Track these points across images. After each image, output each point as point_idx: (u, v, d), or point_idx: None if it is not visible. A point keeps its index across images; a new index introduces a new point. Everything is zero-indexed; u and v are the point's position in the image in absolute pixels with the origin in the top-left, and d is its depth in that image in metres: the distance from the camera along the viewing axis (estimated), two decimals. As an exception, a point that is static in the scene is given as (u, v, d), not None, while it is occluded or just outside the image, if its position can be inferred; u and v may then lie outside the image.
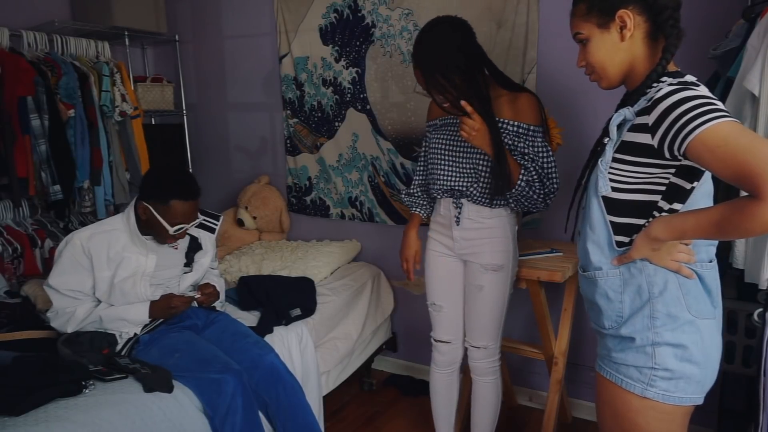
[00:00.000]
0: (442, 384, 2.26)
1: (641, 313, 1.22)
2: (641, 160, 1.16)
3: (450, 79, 1.79)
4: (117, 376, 1.82)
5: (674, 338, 1.19)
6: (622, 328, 1.24)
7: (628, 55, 1.23)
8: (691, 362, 1.19)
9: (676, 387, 1.20)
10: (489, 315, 2.07)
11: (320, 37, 3.02)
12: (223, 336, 2.12)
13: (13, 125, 2.59)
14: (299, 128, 3.22)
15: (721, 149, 1.01)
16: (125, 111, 3.00)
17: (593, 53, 1.25)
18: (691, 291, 1.20)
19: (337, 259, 2.99)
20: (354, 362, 2.78)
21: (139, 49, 3.61)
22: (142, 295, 2.06)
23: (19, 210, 2.89)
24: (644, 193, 1.19)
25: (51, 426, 1.54)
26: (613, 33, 1.22)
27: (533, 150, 1.89)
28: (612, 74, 1.26)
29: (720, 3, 2.11)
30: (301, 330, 2.37)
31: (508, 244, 2.01)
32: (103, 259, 2.01)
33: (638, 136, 1.15)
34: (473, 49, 1.85)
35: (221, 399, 1.80)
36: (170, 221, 2.00)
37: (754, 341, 1.72)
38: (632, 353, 1.23)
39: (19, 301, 2.50)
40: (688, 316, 1.19)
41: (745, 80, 1.56)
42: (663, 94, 1.10)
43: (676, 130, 1.06)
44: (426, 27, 1.85)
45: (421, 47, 1.83)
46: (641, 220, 1.21)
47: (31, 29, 2.83)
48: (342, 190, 3.15)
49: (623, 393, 1.24)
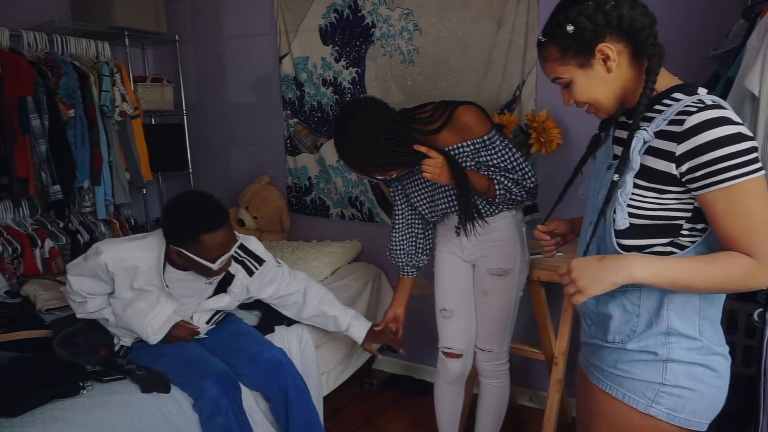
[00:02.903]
0: (448, 397, 2.21)
1: (657, 328, 1.15)
2: (662, 187, 1.08)
3: (387, 162, 1.76)
4: (115, 377, 1.82)
5: (689, 357, 1.13)
6: (631, 343, 1.18)
7: (619, 82, 1.15)
8: (704, 383, 1.14)
9: (684, 408, 1.13)
10: (494, 320, 2.04)
11: (320, 37, 3.01)
12: (223, 337, 2.12)
13: (13, 125, 2.59)
14: (299, 128, 3.22)
15: (738, 207, 1.01)
16: (125, 111, 3.01)
17: (581, 93, 1.17)
18: (709, 316, 1.15)
19: (337, 259, 2.99)
20: (354, 362, 2.78)
21: (139, 49, 3.61)
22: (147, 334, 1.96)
23: (19, 210, 2.89)
24: (667, 219, 1.11)
25: (48, 427, 1.54)
26: (597, 68, 1.13)
27: (498, 157, 1.85)
28: (608, 105, 1.18)
29: (720, 3, 2.10)
30: (302, 330, 2.37)
31: (516, 246, 1.99)
32: (126, 286, 1.91)
33: (659, 162, 1.07)
34: (391, 121, 1.76)
35: (205, 402, 1.80)
36: (207, 257, 1.79)
37: (754, 341, 1.71)
38: (640, 366, 1.16)
39: (19, 301, 2.50)
40: (704, 341, 1.14)
41: (745, 80, 1.55)
42: (701, 122, 1.02)
43: (706, 173, 1.01)
44: (337, 126, 1.77)
45: (345, 149, 1.76)
46: (667, 239, 1.13)
47: (31, 29, 2.83)
48: (342, 190, 3.15)
49: (625, 409, 1.18)
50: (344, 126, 1.74)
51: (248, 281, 2.07)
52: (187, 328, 2.02)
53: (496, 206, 1.93)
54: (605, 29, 1.10)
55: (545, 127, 2.31)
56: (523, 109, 2.52)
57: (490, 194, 1.86)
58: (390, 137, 1.73)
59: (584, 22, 1.10)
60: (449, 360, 2.12)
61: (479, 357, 2.12)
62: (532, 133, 2.34)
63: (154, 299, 1.92)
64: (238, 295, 2.09)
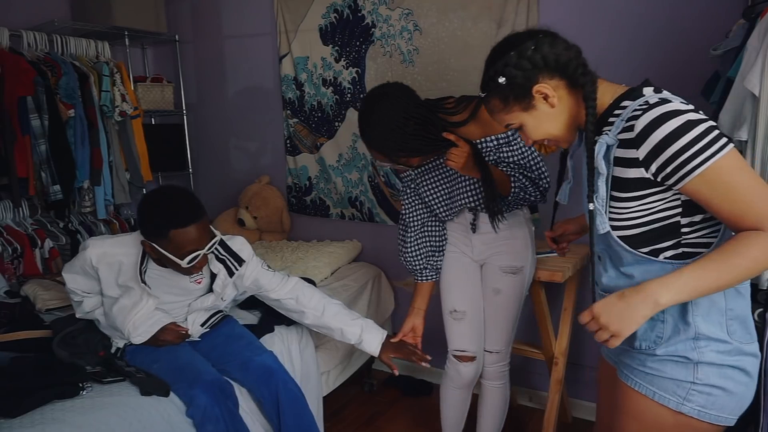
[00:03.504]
0: (456, 401, 2.15)
1: (685, 334, 1.14)
2: (642, 193, 1.10)
3: (414, 147, 1.73)
4: (114, 378, 1.81)
5: (720, 359, 1.13)
6: (659, 349, 1.17)
7: (565, 113, 1.20)
8: (734, 381, 1.14)
9: (714, 404, 1.14)
10: (505, 319, 2.01)
11: (320, 37, 3.01)
12: (216, 341, 2.09)
13: (13, 125, 2.59)
14: (299, 128, 3.22)
15: (723, 186, 1.01)
16: (125, 111, 3.01)
17: (535, 132, 1.23)
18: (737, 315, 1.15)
19: (337, 260, 2.99)
20: (354, 362, 2.78)
21: (139, 49, 3.61)
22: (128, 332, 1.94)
23: (19, 210, 2.89)
24: (662, 221, 1.12)
25: (48, 428, 1.54)
26: (541, 107, 1.19)
27: (519, 155, 1.84)
28: (564, 136, 1.24)
29: (720, 3, 2.10)
30: (302, 330, 2.37)
31: (527, 244, 1.97)
32: (112, 282, 1.91)
33: (628, 171, 1.09)
34: (420, 107, 1.75)
35: (195, 411, 1.78)
36: (177, 254, 1.75)
37: (754, 342, 1.71)
38: (671, 365, 1.16)
39: (19, 301, 2.50)
40: (734, 342, 1.14)
41: (745, 80, 1.55)
42: (647, 125, 1.05)
43: (675, 167, 1.03)
44: (365, 109, 1.73)
45: (374, 133, 1.72)
46: (673, 240, 1.13)
47: (31, 29, 2.83)
48: (342, 190, 3.15)
49: (655, 407, 1.17)
50: (373, 108, 1.71)
51: (229, 281, 2.00)
52: (176, 330, 1.97)
53: (507, 204, 1.91)
54: (534, 72, 1.16)
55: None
56: (523, 109, 2.52)
57: (505, 191, 1.84)
58: (419, 123, 1.71)
59: (512, 71, 1.17)
60: (462, 364, 2.05)
61: (486, 360, 2.08)
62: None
63: (137, 296, 1.90)
64: (222, 295, 2.02)
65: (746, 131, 1.58)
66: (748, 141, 1.58)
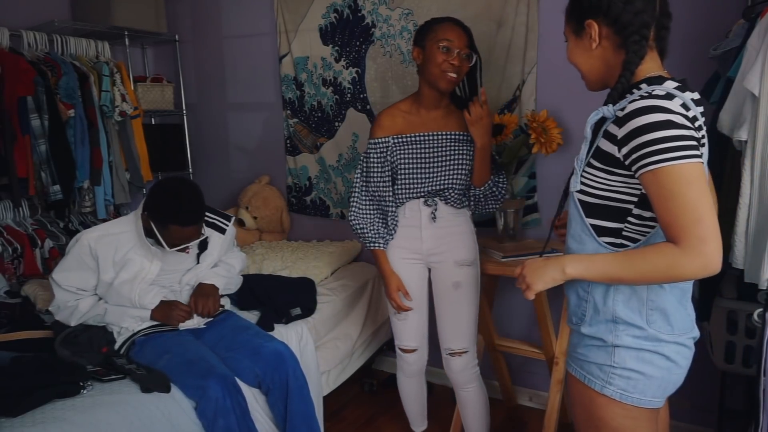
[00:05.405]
0: (412, 389, 2.34)
1: (603, 316, 1.23)
2: (611, 169, 1.17)
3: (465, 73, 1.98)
4: (115, 377, 1.82)
5: (636, 344, 1.20)
6: (583, 327, 1.27)
7: (601, 62, 1.26)
8: (652, 365, 1.20)
9: (635, 388, 1.21)
10: (467, 314, 2.10)
11: (320, 37, 3.01)
12: (223, 332, 2.13)
13: (13, 125, 2.59)
14: (299, 128, 3.22)
15: (667, 191, 1.06)
16: (125, 111, 3.00)
17: (570, 54, 1.32)
18: (659, 307, 1.20)
19: (337, 260, 2.99)
20: (354, 362, 2.78)
21: (139, 49, 3.61)
22: (137, 299, 2.04)
23: (19, 210, 2.89)
24: (617, 201, 1.19)
25: (48, 427, 1.54)
26: (585, 40, 1.26)
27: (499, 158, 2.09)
28: (589, 76, 1.31)
29: (720, 3, 2.10)
30: (301, 329, 2.37)
31: (474, 240, 2.11)
32: (109, 262, 2.01)
33: (607, 144, 1.17)
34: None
35: (208, 404, 1.81)
36: (168, 242, 1.98)
37: (754, 341, 1.72)
38: (594, 350, 1.25)
39: (19, 301, 2.50)
40: (650, 330, 1.20)
41: (745, 80, 1.55)
42: (634, 110, 1.10)
43: (639, 156, 1.09)
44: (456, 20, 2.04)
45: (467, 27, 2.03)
46: (618, 224, 1.21)
47: (31, 29, 2.83)
48: (342, 190, 3.15)
49: (586, 389, 1.27)
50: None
51: (222, 239, 2.24)
52: (182, 311, 2.08)
53: (461, 202, 2.06)
54: (595, 10, 1.22)
55: (545, 127, 2.31)
56: (523, 109, 2.52)
57: (481, 181, 2.02)
58: (480, 68, 2.01)
59: None
60: (408, 355, 2.22)
61: (454, 366, 2.13)
62: (532, 133, 2.34)
63: (138, 266, 2.03)
64: (216, 253, 2.23)
65: (746, 131, 1.59)
66: (748, 141, 1.59)
